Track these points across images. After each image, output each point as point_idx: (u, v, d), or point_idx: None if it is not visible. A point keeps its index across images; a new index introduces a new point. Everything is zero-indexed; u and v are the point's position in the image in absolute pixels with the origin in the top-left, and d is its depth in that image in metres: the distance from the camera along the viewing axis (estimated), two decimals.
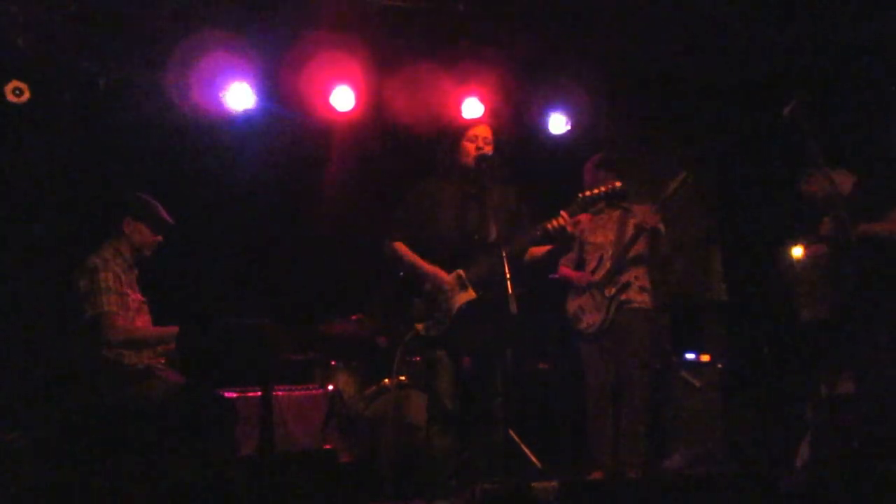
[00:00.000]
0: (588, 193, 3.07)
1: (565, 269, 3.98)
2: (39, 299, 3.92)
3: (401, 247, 3.19)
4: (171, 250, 3.42)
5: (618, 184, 3.11)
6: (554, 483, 2.42)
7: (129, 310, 3.13)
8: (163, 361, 3.17)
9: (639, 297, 3.83)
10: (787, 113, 3.28)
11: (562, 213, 3.04)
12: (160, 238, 3.28)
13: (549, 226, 3.02)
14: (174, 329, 3.10)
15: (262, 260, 4.72)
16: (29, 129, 4.02)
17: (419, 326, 3.09)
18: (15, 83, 3.89)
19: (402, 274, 3.21)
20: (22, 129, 4.00)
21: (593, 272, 3.87)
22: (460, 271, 3.08)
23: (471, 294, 3.05)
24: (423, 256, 3.16)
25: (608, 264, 3.83)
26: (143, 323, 3.20)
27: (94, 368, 3.04)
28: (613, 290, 3.78)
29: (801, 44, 4.39)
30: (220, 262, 4.56)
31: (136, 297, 3.21)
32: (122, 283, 3.11)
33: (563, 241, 3.10)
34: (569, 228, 3.02)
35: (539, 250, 3.19)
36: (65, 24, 3.98)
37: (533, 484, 2.48)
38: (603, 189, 3.09)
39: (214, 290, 4.36)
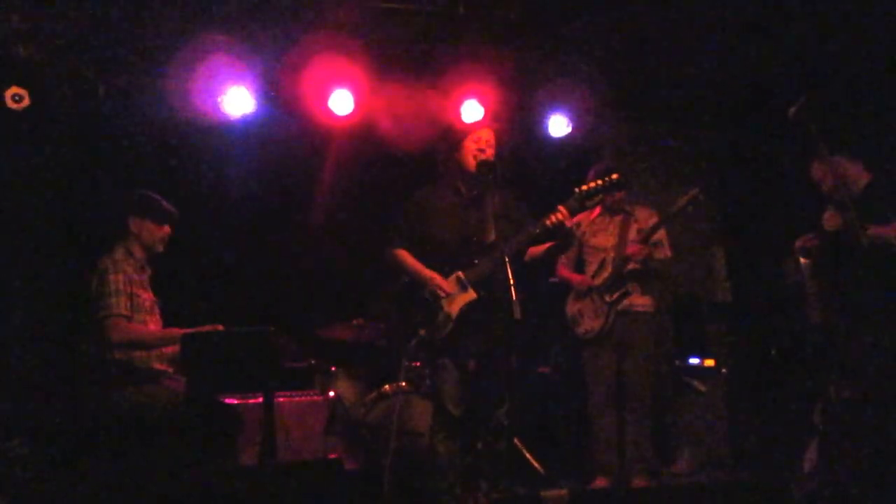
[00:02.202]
0: (585, 187, 3.06)
1: (564, 271, 3.95)
2: (42, 304, 3.91)
3: (402, 253, 3.19)
4: (170, 256, 3.40)
5: (615, 176, 3.09)
6: (563, 492, 2.39)
7: (141, 311, 3.14)
8: (171, 370, 3.16)
9: (640, 302, 3.80)
10: (793, 113, 3.24)
11: (559, 207, 3.02)
12: (168, 230, 3.26)
13: (548, 221, 3.00)
14: (177, 331, 3.09)
15: (261, 265, 4.70)
16: (28, 135, 4.01)
17: (422, 332, 3.06)
18: (15, 89, 3.89)
19: (405, 279, 3.19)
20: (21, 135, 3.99)
21: (594, 276, 3.84)
22: (459, 273, 3.07)
23: (471, 295, 3.04)
24: (423, 261, 3.15)
25: (609, 269, 3.80)
26: (155, 323, 3.21)
27: (101, 369, 3.03)
28: (615, 296, 3.75)
29: (807, 43, 4.37)
30: (220, 268, 4.54)
31: (148, 296, 3.21)
32: (132, 284, 3.11)
33: (562, 237, 3.08)
34: (567, 223, 3.00)
35: (538, 249, 3.18)
36: (64, 31, 3.96)
37: (542, 493, 2.45)
38: (600, 182, 3.07)
39: (214, 297, 4.33)
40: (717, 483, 3.70)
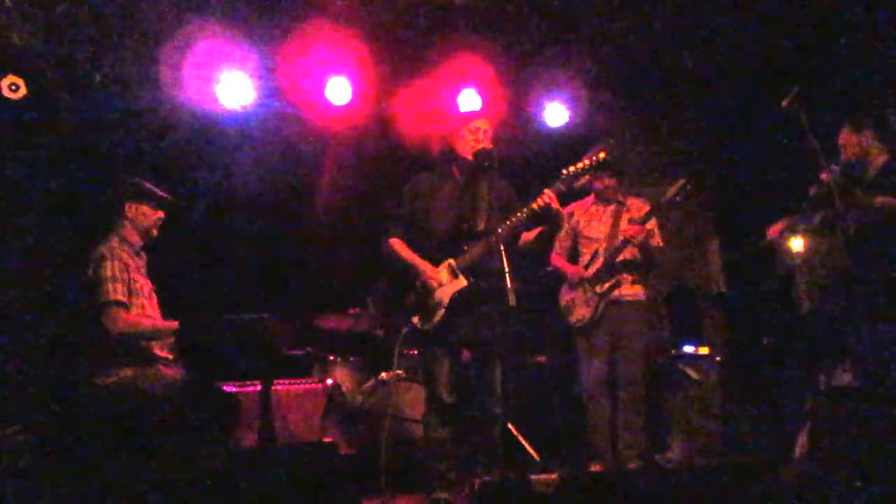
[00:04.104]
0: (572, 168, 3.06)
1: (558, 261, 3.98)
2: (39, 291, 3.93)
3: (397, 243, 3.21)
4: (169, 246, 3.42)
5: (602, 154, 3.10)
6: (554, 476, 2.43)
7: (139, 295, 3.15)
8: (171, 357, 3.19)
9: (631, 291, 3.82)
10: (785, 104, 3.26)
11: (545, 190, 3.03)
12: (162, 214, 3.30)
13: (535, 205, 3.02)
14: (173, 324, 3.11)
15: (260, 255, 4.72)
16: (25, 124, 4.01)
17: (415, 320, 3.09)
18: (11, 78, 3.88)
19: (400, 268, 3.22)
20: (18, 124, 4.00)
21: (586, 267, 3.87)
22: (451, 261, 3.09)
23: (462, 282, 3.06)
24: (418, 249, 3.17)
25: (601, 259, 3.82)
26: (152, 308, 3.24)
27: (100, 353, 3.05)
28: (605, 287, 3.77)
29: (801, 33, 4.37)
30: (219, 258, 4.56)
31: (145, 282, 3.24)
32: (129, 269, 3.14)
33: (551, 220, 3.10)
34: (553, 205, 3.01)
35: (529, 235, 3.20)
36: (60, 19, 3.96)
37: (532, 476, 2.49)
38: (587, 162, 3.08)
39: (213, 286, 4.36)
40: (708, 468, 3.74)
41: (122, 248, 3.18)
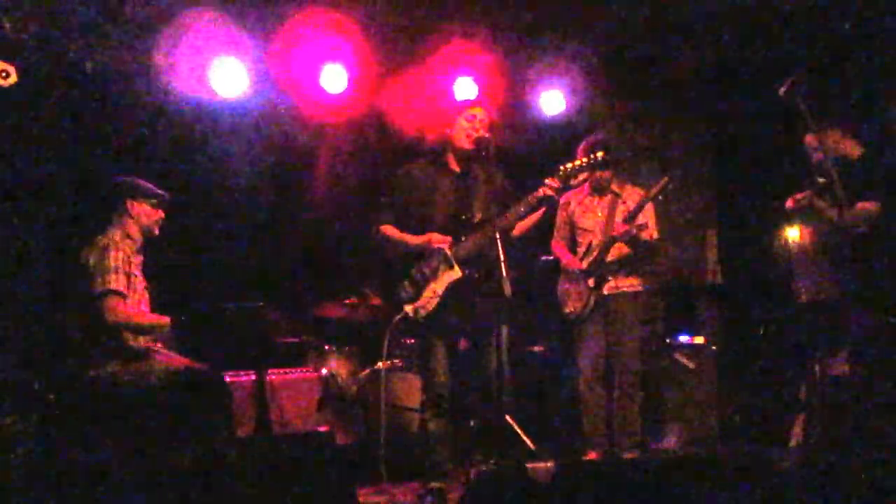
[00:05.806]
0: (570, 164, 3.06)
1: (559, 250, 3.97)
2: (33, 282, 3.91)
3: (388, 229, 3.19)
4: (165, 235, 3.41)
5: (600, 154, 3.10)
6: (550, 464, 2.43)
7: (135, 291, 3.16)
8: (159, 346, 3.18)
9: (627, 282, 3.82)
10: (782, 92, 3.25)
11: (546, 180, 3.03)
12: (163, 214, 3.30)
13: (536, 195, 3.02)
14: (166, 319, 3.11)
15: (256, 244, 4.70)
16: (15, 112, 3.98)
17: (408, 309, 3.09)
18: (1, 65, 3.84)
19: (394, 254, 3.20)
20: (8, 112, 3.96)
21: (582, 258, 3.87)
22: (446, 250, 3.08)
23: (457, 272, 3.06)
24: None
25: (595, 252, 3.82)
26: (145, 305, 3.25)
27: (92, 346, 3.04)
28: (597, 281, 3.77)
29: (799, 23, 4.36)
30: (215, 247, 4.54)
31: (141, 279, 3.25)
32: (130, 264, 3.14)
33: (549, 206, 3.12)
34: (555, 197, 3.03)
35: (526, 223, 3.20)
36: (52, 6, 3.91)
37: (529, 465, 2.49)
38: (585, 160, 3.07)
39: (209, 275, 4.34)
40: (703, 457, 3.75)
41: (124, 241, 3.19)
